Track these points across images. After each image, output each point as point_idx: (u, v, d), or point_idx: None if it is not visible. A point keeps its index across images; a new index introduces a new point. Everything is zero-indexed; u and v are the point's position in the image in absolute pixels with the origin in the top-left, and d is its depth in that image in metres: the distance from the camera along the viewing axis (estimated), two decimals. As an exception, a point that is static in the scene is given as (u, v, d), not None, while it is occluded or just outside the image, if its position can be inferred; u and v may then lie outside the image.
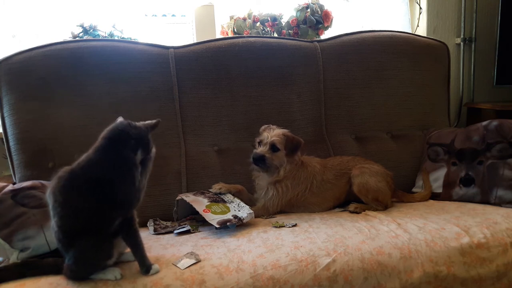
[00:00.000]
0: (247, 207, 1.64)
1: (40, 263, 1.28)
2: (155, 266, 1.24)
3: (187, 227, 1.61)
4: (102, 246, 1.20)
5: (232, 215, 1.57)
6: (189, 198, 1.68)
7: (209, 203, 1.64)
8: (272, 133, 1.74)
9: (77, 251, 1.18)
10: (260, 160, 1.71)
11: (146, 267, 1.23)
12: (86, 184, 1.19)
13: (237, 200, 1.70)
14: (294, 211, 1.77)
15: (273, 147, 1.71)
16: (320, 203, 1.79)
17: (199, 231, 1.59)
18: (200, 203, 1.63)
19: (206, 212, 1.58)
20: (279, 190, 1.74)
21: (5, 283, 1.20)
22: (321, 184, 1.78)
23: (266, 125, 1.82)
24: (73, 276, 1.20)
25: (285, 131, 1.77)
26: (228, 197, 1.72)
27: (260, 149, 1.73)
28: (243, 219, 1.56)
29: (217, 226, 1.50)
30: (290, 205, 1.77)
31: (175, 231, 1.59)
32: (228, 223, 1.52)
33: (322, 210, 1.78)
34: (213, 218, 1.54)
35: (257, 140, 1.78)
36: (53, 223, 1.21)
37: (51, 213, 1.21)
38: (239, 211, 1.61)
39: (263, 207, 1.74)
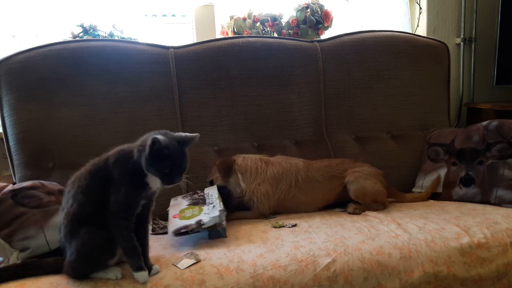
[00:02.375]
0: (221, 209, 1.50)
1: (40, 263, 1.28)
2: (156, 267, 1.24)
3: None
4: (106, 243, 1.20)
5: (196, 221, 1.44)
6: (173, 202, 1.64)
7: (186, 205, 1.56)
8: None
9: (80, 243, 1.17)
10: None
11: (147, 268, 1.22)
12: (103, 175, 1.20)
13: (218, 202, 1.56)
14: (286, 211, 1.75)
15: (211, 182, 1.79)
16: (309, 202, 1.78)
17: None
18: (177, 207, 1.57)
19: (175, 218, 1.50)
20: (262, 194, 1.72)
21: (5, 283, 1.20)
22: (307, 181, 1.77)
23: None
24: (74, 274, 1.20)
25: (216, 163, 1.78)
26: (213, 197, 1.62)
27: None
28: (204, 224, 1.42)
29: (173, 235, 1.41)
30: (282, 204, 1.75)
31: (177, 232, 1.57)
32: (183, 230, 1.41)
33: (311, 210, 1.77)
34: (174, 225, 1.44)
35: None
36: (64, 213, 1.22)
37: (70, 201, 1.21)
38: (208, 214, 1.48)
39: (257, 211, 1.72)
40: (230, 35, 2.40)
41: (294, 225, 1.57)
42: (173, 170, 1.17)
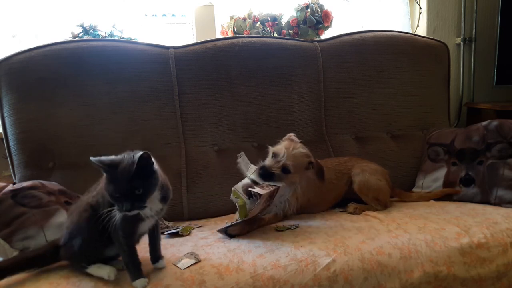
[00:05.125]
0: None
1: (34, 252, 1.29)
2: (162, 262, 1.26)
3: (179, 229, 1.59)
4: (99, 244, 1.21)
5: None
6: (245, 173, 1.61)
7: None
8: (290, 152, 1.57)
9: (80, 230, 1.20)
10: (267, 176, 1.54)
11: (156, 258, 1.26)
12: None
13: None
14: (299, 212, 1.73)
15: (284, 170, 1.56)
16: (321, 204, 1.78)
17: (189, 235, 1.57)
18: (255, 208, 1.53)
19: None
20: (295, 198, 1.67)
21: (5, 284, 1.20)
22: (326, 184, 1.75)
23: (291, 135, 1.68)
24: (67, 255, 1.23)
25: (308, 154, 1.62)
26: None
27: (270, 164, 1.56)
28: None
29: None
30: (301, 206, 1.71)
31: (166, 233, 1.57)
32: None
33: (321, 211, 1.77)
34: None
35: (272, 150, 1.61)
36: (91, 195, 1.23)
37: (94, 192, 1.22)
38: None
39: (283, 213, 1.65)
40: (230, 35, 2.40)
41: (297, 226, 1.57)
42: (120, 195, 1.06)
